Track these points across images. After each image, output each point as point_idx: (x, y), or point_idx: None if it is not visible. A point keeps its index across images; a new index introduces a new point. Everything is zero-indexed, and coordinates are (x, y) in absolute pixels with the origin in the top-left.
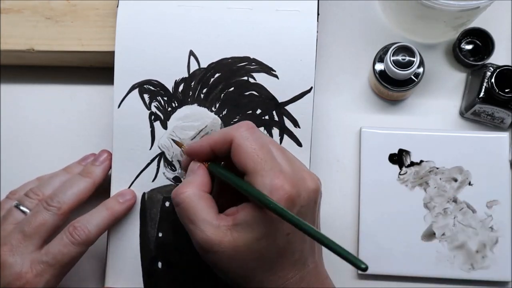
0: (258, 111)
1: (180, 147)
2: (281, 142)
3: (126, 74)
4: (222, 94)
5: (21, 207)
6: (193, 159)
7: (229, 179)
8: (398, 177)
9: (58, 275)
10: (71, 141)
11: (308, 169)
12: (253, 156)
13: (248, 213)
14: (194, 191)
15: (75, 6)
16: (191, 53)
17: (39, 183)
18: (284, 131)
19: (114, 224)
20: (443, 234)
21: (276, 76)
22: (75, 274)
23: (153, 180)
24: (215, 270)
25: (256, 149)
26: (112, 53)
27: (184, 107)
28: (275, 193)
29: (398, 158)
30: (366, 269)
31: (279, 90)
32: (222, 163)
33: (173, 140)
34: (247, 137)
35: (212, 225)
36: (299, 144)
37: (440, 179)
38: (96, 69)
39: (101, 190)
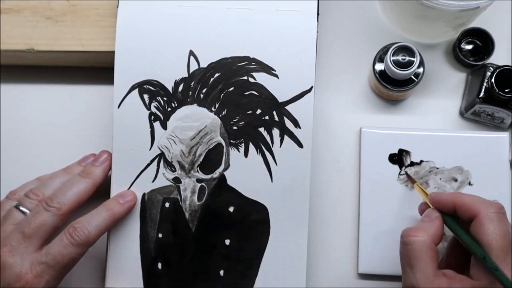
0: (258, 111)
1: (422, 195)
2: (281, 143)
3: (126, 74)
4: (222, 94)
5: (21, 208)
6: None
7: (463, 240)
8: (398, 177)
9: (58, 276)
10: (71, 141)
11: None
12: (491, 241)
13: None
14: (426, 239)
15: (75, 6)
16: (191, 53)
17: (39, 184)
18: (284, 131)
19: (114, 225)
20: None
21: (276, 76)
22: (75, 274)
23: (153, 181)
24: None
25: (496, 235)
26: (112, 53)
27: (183, 107)
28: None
29: (398, 158)
30: None
31: (279, 90)
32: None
33: (407, 174)
34: (493, 219)
35: (428, 279)
36: (300, 145)
37: (440, 179)
38: (96, 69)
39: (101, 191)
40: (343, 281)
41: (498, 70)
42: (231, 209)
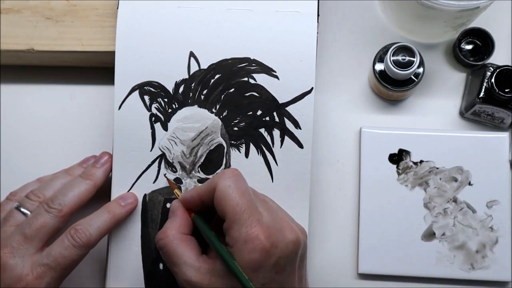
0: (259, 112)
1: (174, 192)
2: (282, 144)
3: (126, 75)
4: (223, 95)
5: (22, 209)
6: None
7: (206, 236)
8: (398, 177)
9: (58, 278)
10: (71, 141)
11: (292, 221)
12: (233, 204)
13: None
14: (174, 234)
15: (75, 6)
16: (191, 54)
17: (40, 185)
18: (285, 132)
19: (115, 227)
20: (443, 234)
21: (276, 77)
22: (76, 275)
23: (154, 182)
24: None
25: (236, 198)
26: (112, 53)
27: (184, 109)
28: (250, 242)
29: (398, 158)
30: None
31: (280, 91)
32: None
33: (168, 180)
34: (229, 185)
35: (193, 267)
36: (300, 145)
37: (440, 179)
38: (96, 69)
39: (102, 192)
40: (343, 281)
41: (498, 70)
42: None
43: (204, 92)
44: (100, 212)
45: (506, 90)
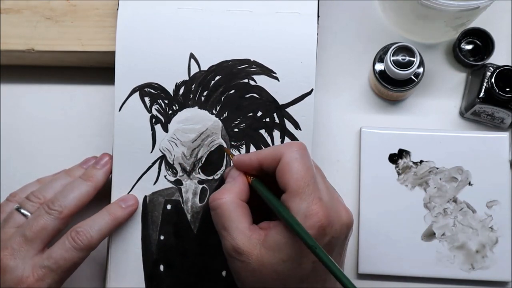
0: (259, 114)
1: (228, 155)
2: None
3: (126, 77)
4: (223, 97)
5: (22, 210)
6: (240, 170)
7: (268, 199)
8: (398, 177)
9: (59, 280)
10: (71, 141)
11: (344, 203)
12: (297, 177)
13: (279, 232)
14: (232, 198)
15: (75, 6)
16: (192, 55)
17: (40, 186)
18: (285, 133)
19: (116, 229)
20: (443, 234)
21: (276, 78)
22: (76, 277)
23: (154, 183)
24: (235, 277)
25: (301, 171)
26: (112, 53)
27: (184, 110)
28: (309, 218)
29: (398, 158)
30: None
31: (280, 92)
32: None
33: (222, 146)
34: (296, 157)
35: (245, 235)
36: None
37: (440, 179)
38: (96, 69)
39: (102, 193)
40: None
41: (498, 70)
42: None
43: (205, 93)
44: (101, 214)
45: (506, 90)
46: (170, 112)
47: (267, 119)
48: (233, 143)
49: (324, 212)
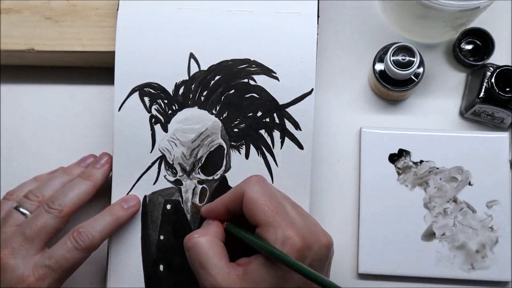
0: (259, 114)
1: (197, 209)
2: (282, 145)
3: (126, 77)
4: (223, 97)
5: (21, 209)
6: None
7: (245, 238)
8: (398, 177)
9: (59, 280)
10: (71, 141)
11: (320, 226)
12: (264, 208)
13: (260, 264)
14: (208, 237)
15: (75, 6)
16: (191, 55)
17: (38, 184)
18: (285, 133)
19: (118, 229)
20: (443, 234)
21: (276, 78)
22: (77, 277)
23: (154, 183)
24: None
25: (266, 201)
26: (112, 53)
27: (184, 110)
28: (286, 244)
29: (398, 158)
30: None
31: (280, 92)
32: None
33: (193, 203)
34: (257, 190)
35: (224, 271)
36: (301, 146)
37: (440, 179)
38: (96, 69)
39: (102, 193)
40: (343, 281)
41: (498, 70)
42: None
43: (204, 93)
44: (103, 215)
45: (506, 90)
46: (170, 112)
47: (267, 119)
48: (232, 143)
49: (300, 235)
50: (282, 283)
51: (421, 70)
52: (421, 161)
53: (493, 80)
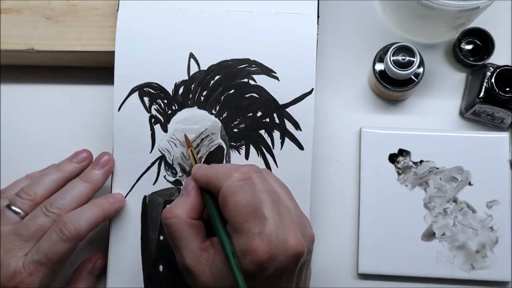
0: (259, 114)
1: (189, 154)
2: (282, 145)
3: (126, 77)
4: (222, 97)
5: (13, 208)
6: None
7: (215, 226)
8: (398, 177)
9: (52, 272)
10: (71, 141)
11: (303, 225)
12: (234, 214)
13: (223, 260)
14: (183, 217)
15: (75, 6)
16: (191, 55)
17: (30, 182)
18: (285, 133)
19: (104, 221)
20: (443, 234)
21: (276, 78)
22: None
23: (153, 183)
24: None
25: (238, 207)
26: (112, 53)
27: (184, 110)
28: (248, 255)
29: (398, 158)
30: None
31: (280, 92)
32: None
33: (185, 137)
34: (233, 191)
35: (194, 255)
36: (301, 147)
37: (440, 179)
38: (96, 69)
39: (102, 192)
40: (343, 281)
41: (498, 70)
42: None
43: (204, 93)
44: (89, 206)
45: (506, 90)
46: (170, 112)
47: (267, 119)
48: (232, 143)
49: (264, 247)
50: None
51: (421, 70)
52: (421, 161)
53: (493, 80)
